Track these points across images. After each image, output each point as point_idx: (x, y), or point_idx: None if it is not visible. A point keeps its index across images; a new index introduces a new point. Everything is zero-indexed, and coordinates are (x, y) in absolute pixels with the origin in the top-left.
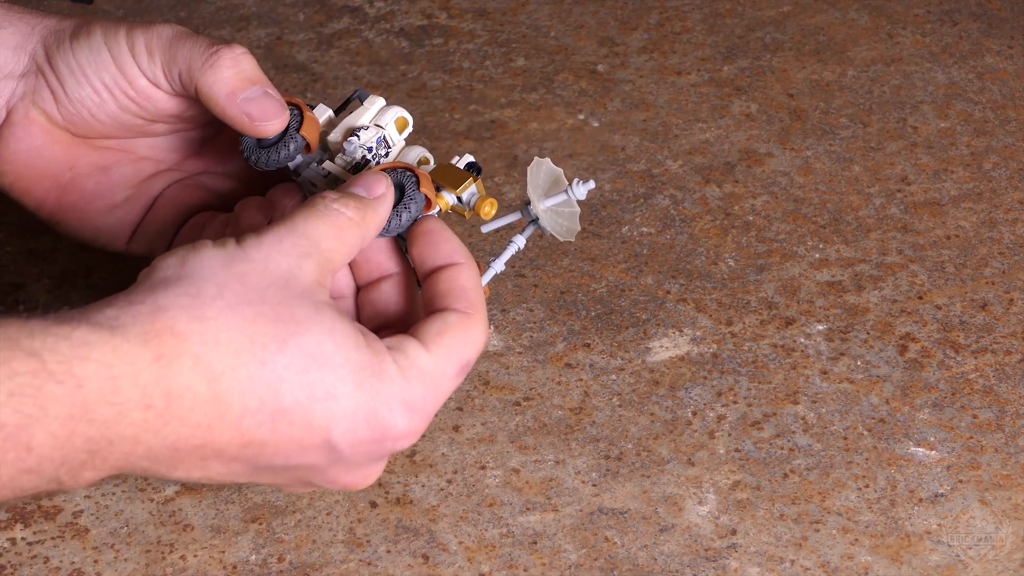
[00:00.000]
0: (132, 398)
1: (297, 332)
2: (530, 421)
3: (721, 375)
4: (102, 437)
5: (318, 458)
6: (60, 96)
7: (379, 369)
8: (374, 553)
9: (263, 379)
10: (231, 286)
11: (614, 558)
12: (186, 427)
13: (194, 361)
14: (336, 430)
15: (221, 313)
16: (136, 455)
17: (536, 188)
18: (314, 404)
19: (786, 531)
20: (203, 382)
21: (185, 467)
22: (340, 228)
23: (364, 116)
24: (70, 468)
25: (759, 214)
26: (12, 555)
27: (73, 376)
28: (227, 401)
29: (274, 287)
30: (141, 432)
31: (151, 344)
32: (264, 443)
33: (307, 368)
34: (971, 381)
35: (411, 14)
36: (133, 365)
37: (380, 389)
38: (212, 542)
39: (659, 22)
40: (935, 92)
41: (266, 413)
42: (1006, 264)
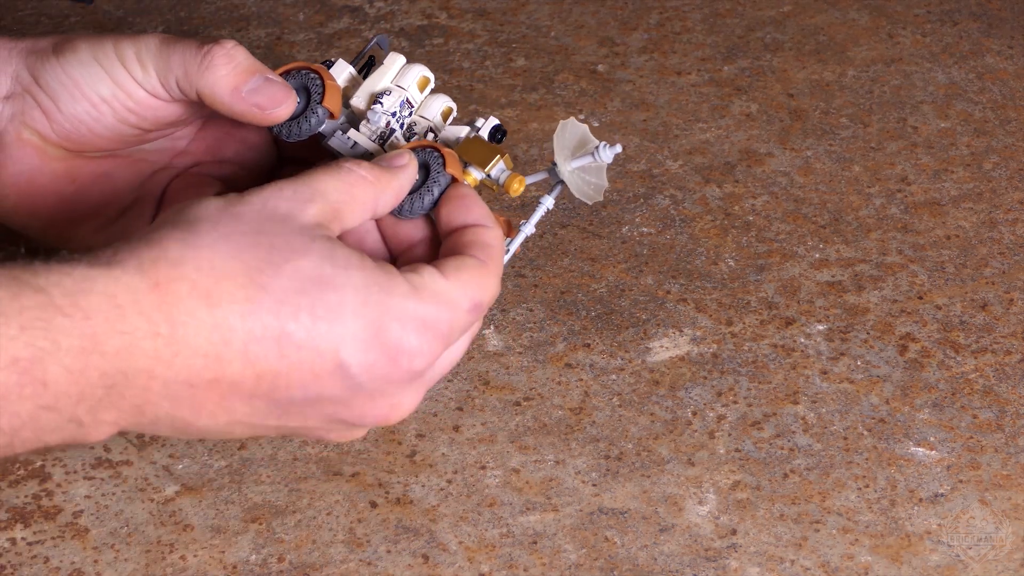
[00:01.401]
0: (139, 327)
1: (292, 257)
2: (530, 421)
3: (721, 375)
4: (116, 370)
5: (335, 387)
6: (53, 113)
7: (388, 285)
8: (374, 553)
9: (262, 303)
10: (226, 222)
11: (614, 558)
12: (196, 357)
13: (191, 286)
14: (345, 351)
15: (215, 242)
16: (153, 392)
17: (563, 149)
18: (317, 324)
19: (786, 531)
20: (202, 307)
21: (208, 410)
22: (351, 184)
23: (385, 77)
24: (89, 406)
25: (759, 214)
26: (12, 555)
27: (79, 308)
28: (230, 326)
29: (270, 222)
30: (153, 363)
31: (147, 272)
32: (276, 372)
33: (306, 289)
34: (971, 381)
35: (411, 14)
36: (134, 293)
37: (389, 304)
38: (212, 542)
39: (659, 22)
40: (935, 92)
41: (271, 338)
42: (1006, 264)
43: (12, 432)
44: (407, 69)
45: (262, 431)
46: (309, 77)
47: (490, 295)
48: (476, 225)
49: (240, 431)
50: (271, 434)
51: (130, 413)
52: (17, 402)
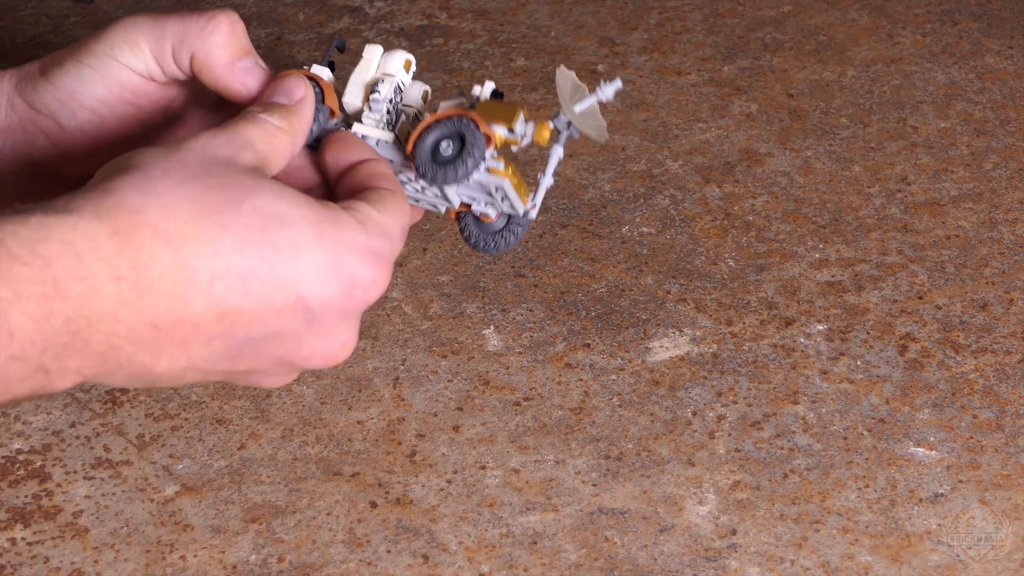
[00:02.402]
0: (100, 271)
1: (248, 196)
2: (530, 421)
3: (721, 375)
4: (79, 315)
5: (293, 321)
6: (57, 135)
7: (337, 221)
8: (374, 553)
9: (225, 241)
10: (176, 168)
11: (614, 558)
12: (160, 297)
13: (153, 231)
14: (306, 284)
15: (171, 188)
16: (118, 336)
17: (563, 95)
18: (280, 259)
19: (786, 531)
20: (166, 251)
21: (168, 353)
22: (270, 135)
23: (370, 68)
24: (54, 353)
25: (759, 214)
26: (12, 555)
27: (38, 256)
28: (194, 267)
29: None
30: (118, 307)
31: (105, 220)
32: (240, 310)
33: (266, 226)
34: (971, 381)
35: (411, 14)
36: (93, 240)
37: (343, 238)
38: (212, 542)
39: (659, 22)
40: (935, 92)
41: (235, 275)
42: (1006, 264)
43: None
44: (389, 56)
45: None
46: None
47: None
48: (366, 160)
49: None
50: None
51: (94, 360)
52: None
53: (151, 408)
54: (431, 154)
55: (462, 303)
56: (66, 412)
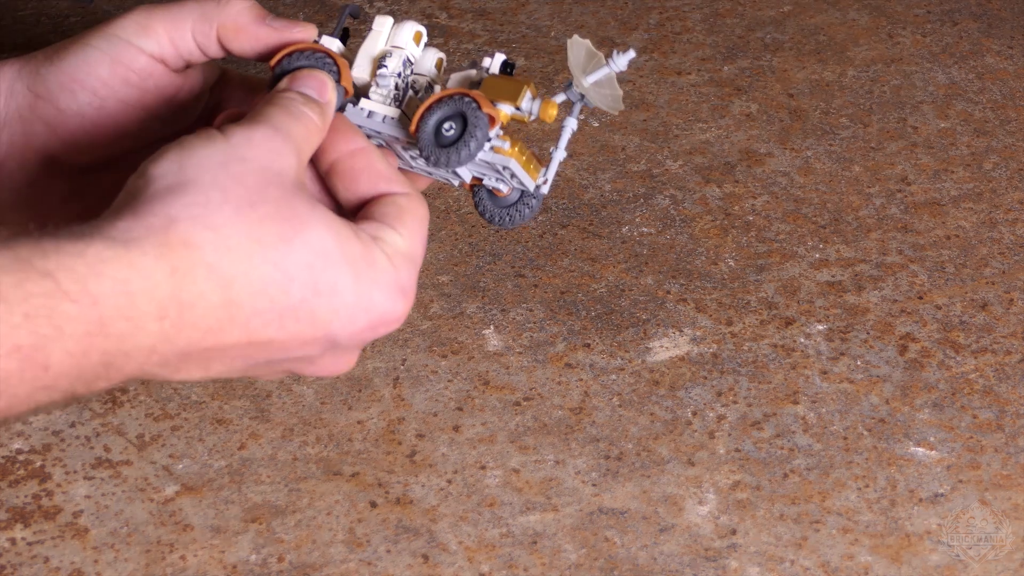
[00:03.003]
0: (148, 312)
1: (301, 229)
2: (530, 421)
3: (721, 375)
4: (118, 350)
5: (315, 350)
6: (54, 120)
7: (371, 259)
8: (374, 553)
9: (274, 279)
10: (233, 189)
11: (614, 558)
12: (197, 332)
13: (207, 270)
14: (336, 323)
15: (230, 220)
16: (150, 364)
17: (576, 67)
18: (319, 299)
19: (786, 531)
20: (216, 290)
21: (188, 370)
22: (309, 131)
23: (379, 41)
24: (85, 382)
25: (759, 214)
26: (12, 555)
27: (88, 294)
28: (238, 304)
29: (272, 186)
30: (157, 342)
31: (167, 258)
32: (271, 341)
33: (313, 265)
34: (971, 381)
35: (411, 14)
36: (150, 280)
37: (376, 278)
38: (212, 542)
39: (659, 22)
40: (935, 92)
41: (275, 312)
42: (1006, 264)
43: (7, 409)
44: (399, 28)
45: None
46: (318, 58)
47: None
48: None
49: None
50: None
51: (120, 380)
52: (17, 386)
53: (151, 408)
54: (434, 135)
55: (462, 303)
56: (66, 412)
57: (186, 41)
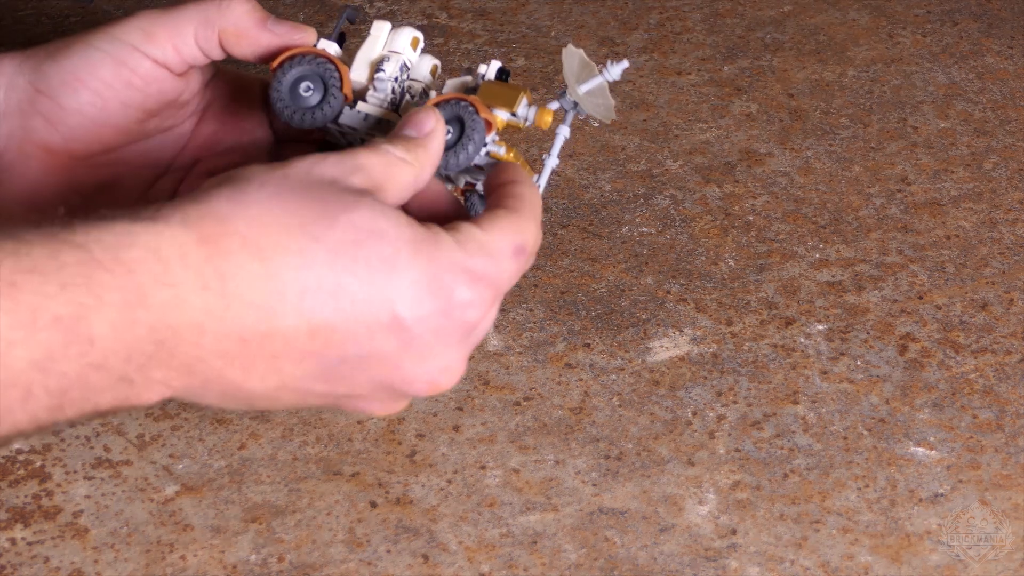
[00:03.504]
0: (186, 280)
1: (345, 210)
2: (530, 421)
3: (721, 375)
4: (164, 324)
5: (388, 342)
6: (54, 114)
7: (435, 240)
8: (374, 553)
9: (316, 255)
10: (273, 181)
11: (614, 558)
12: (248, 309)
13: (241, 241)
14: (400, 302)
15: (265, 199)
16: (204, 348)
17: (571, 75)
18: (373, 276)
19: (786, 531)
20: (254, 261)
21: (259, 370)
22: (390, 164)
23: (377, 45)
24: (138, 364)
25: (759, 214)
26: (12, 555)
27: (121, 262)
28: (283, 278)
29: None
30: (204, 317)
31: (193, 226)
32: (332, 326)
33: (361, 241)
34: (971, 381)
35: (411, 14)
36: (179, 247)
37: (439, 256)
38: (212, 542)
39: (659, 22)
40: (935, 92)
41: (326, 290)
42: (1006, 264)
43: (61, 393)
44: (396, 33)
45: (310, 399)
46: (319, 63)
47: (531, 238)
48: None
49: (287, 398)
50: (317, 403)
51: (181, 372)
52: (63, 361)
53: (151, 408)
54: None
55: None
56: None
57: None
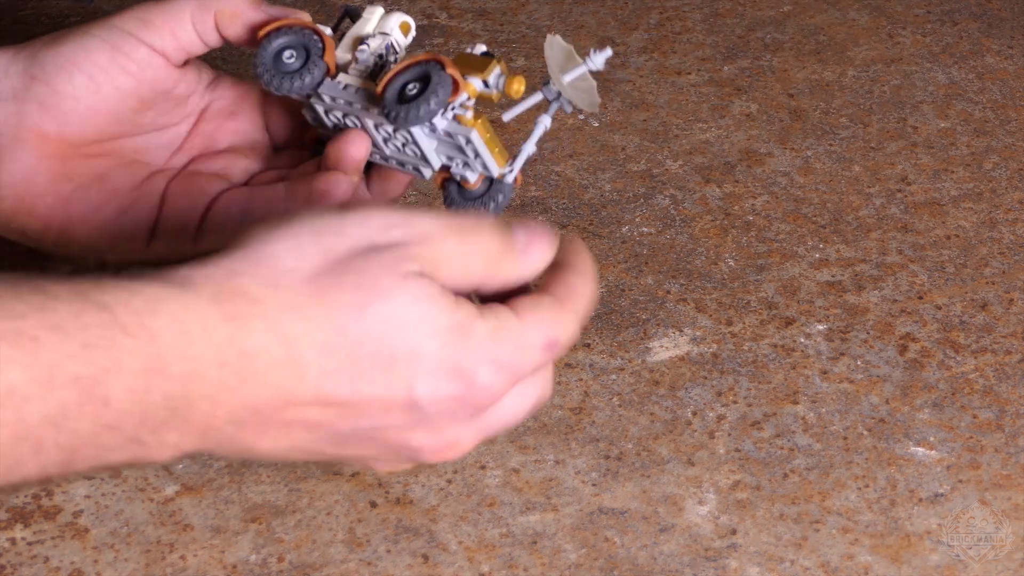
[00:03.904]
0: (206, 354)
1: (377, 299)
2: (530, 421)
3: (721, 375)
4: (180, 395)
5: (401, 418)
6: (49, 100)
7: (469, 329)
8: (374, 553)
9: (340, 344)
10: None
11: (614, 558)
12: (264, 388)
13: (267, 324)
14: (419, 387)
15: (297, 283)
16: (218, 418)
17: (554, 65)
18: (396, 365)
19: (786, 531)
20: (278, 345)
21: (271, 435)
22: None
23: (367, 26)
24: (151, 427)
25: (759, 214)
26: (12, 555)
27: (145, 329)
28: (304, 363)
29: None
30: (218, 391)
31: (223, 304)
32: (346, 403)
33: (387, 333)
34: (971, 381)
35: (411, 14)
36: (204, 322)
37: (468, 347)
38: (212, 542)
39: (659, 22)
40: (935, 92)
41: (345, 375)
42: (1006, 264)
43: (72, 449)
44: (388, 17)
45: (319, 457)
46: (304, 33)
47: (567, 334)
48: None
49: (297, 456)
50: (326, 460)
51: (193, 436)
52: (77, 420)
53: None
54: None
55: None
56: None
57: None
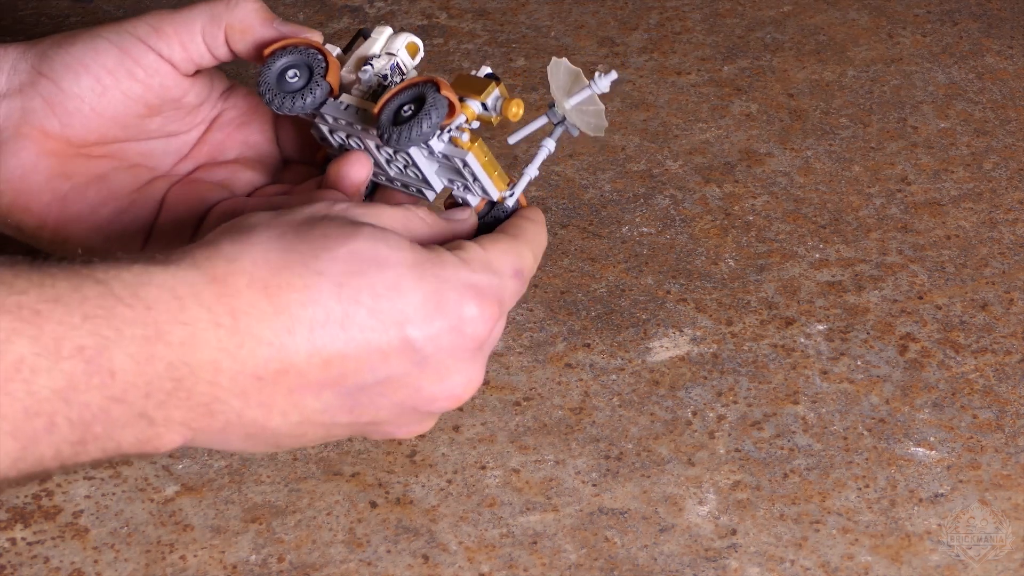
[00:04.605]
0: (200, 317)
1: (345, 241)
2: (530, 421)
3: (721, 375)
4: (181, 362)
5: (403, 364)
6: (55, 98)
7: (439, 260)
8: (374, 553)
9: (322, 287)
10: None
11: (614, 558)
12: (260, 346)
13: (248, 279)
14: (410, 325)
15: (268, 239)
16: (221, 387)
17: (559, 88)
18: (380, 303)
19: (786, 531)
20: (262, 298)
21: (279, 407)
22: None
23: (374, 46)
24: (158, 401)
25: (759, 214)
26: (12, 555)
27: (140, 299)
28: (292, 314)
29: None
30: (219, 355)
31: (203, 267)
32: (344, 356)
33: (364, 270)
34: (971, 381)
35: (411, 14)
36: (192, 286)
37: (443, 275)
38: (212, 542)
39: (659, 22)
40: (935, 92)
41: (334, 322)
42: (1006, 264)
43: (84, 425)
44: (395, 37)
45: (335, 430)
46: (309, 53)
47: (528, 263)
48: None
49: (313, 433)
50: (344, 434)
51: (200, 414)
52: (86, 392)
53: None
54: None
55: None
56: None
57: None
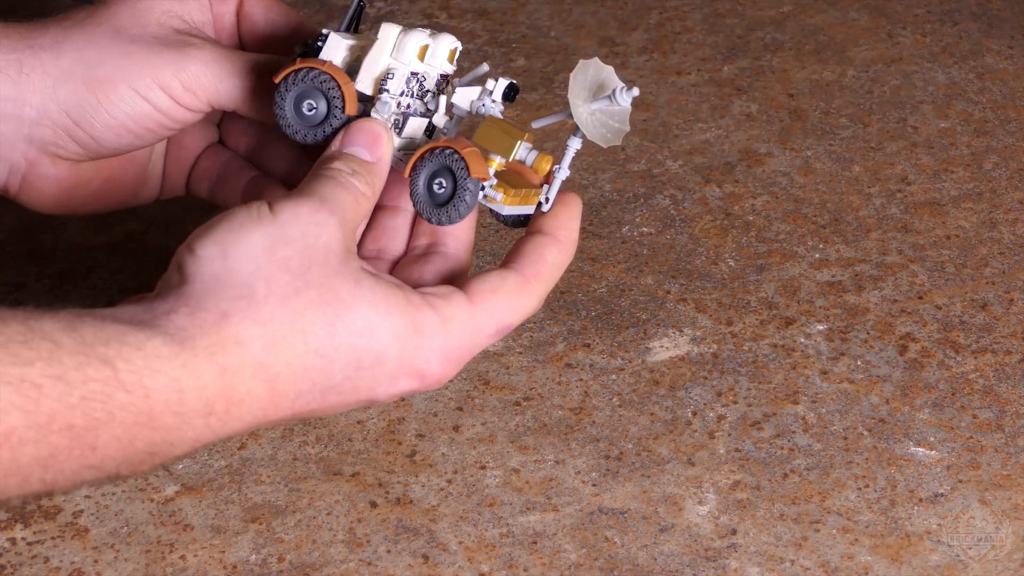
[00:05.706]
0: (195, 408)
1: (343, 312)
2: (530, 421)
3: (721, 375)
4: (163, 441)
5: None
6: (87, 143)
7: (420, 326)
8: (374, 553)
9: (316, 366)
10: (278, 278)
11: (614, 558)
12: (241, 423)
13: (256, 368)
14: (379, 388)
15: (276, 313)
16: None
17: (581, 90)
18: (361, 373)
19: (786, 531)
20: (262, 385)
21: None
22: (358, 200)
23: (383, 54)
24: (129, 465)
25: (759, 214)
26: (12, 555)
27: (143, 387)
28: (282, 393)
29: (315, 266)
30: (201, 434)
31: (217, 357)
32: (313, 412)
33: (355, 346)
34: (971, 381)
35: (411, 14)
36: (200, 380)
37: (421, 345)
38: (212, 542)
39: (659, 22)
40: (935, 92)
41: (317, 391)
42: (1006, 264)
43: (54, 483)
44: (404, 40)
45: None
46: (321, 80)
47: (521, 317)
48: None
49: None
50: None
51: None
52: (64, 462)
53: None
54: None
55: None
56: None
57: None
